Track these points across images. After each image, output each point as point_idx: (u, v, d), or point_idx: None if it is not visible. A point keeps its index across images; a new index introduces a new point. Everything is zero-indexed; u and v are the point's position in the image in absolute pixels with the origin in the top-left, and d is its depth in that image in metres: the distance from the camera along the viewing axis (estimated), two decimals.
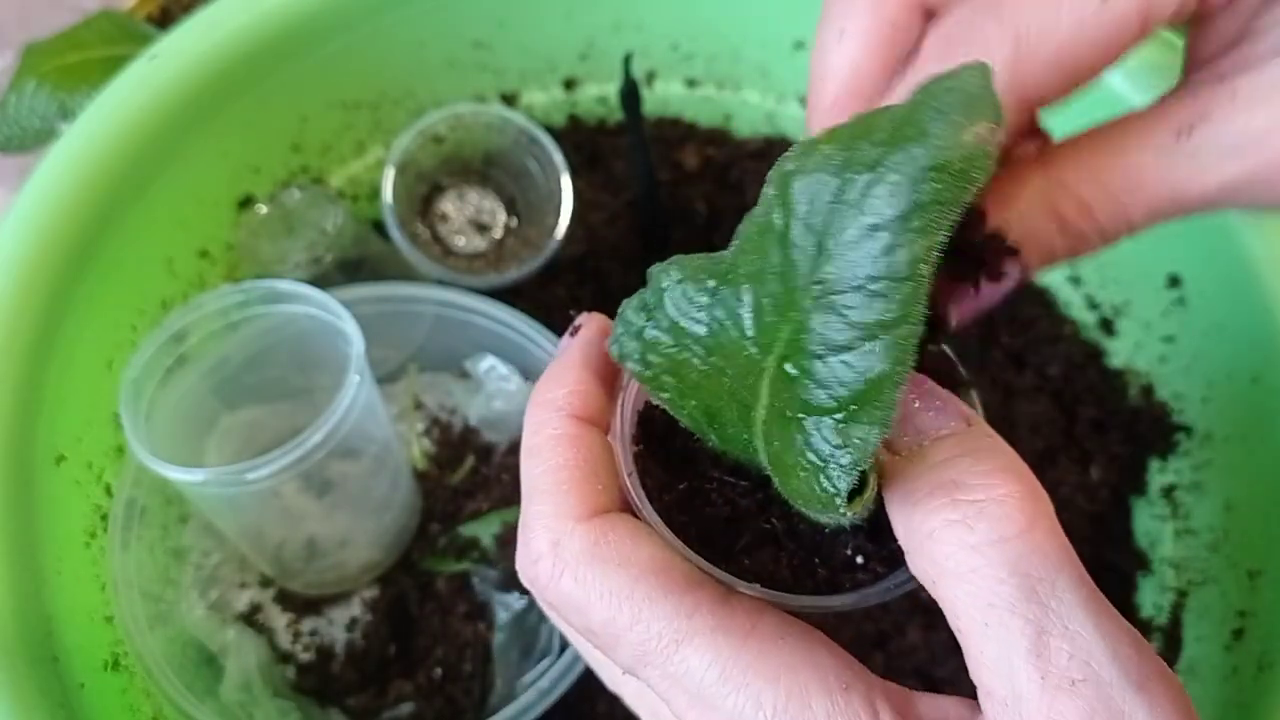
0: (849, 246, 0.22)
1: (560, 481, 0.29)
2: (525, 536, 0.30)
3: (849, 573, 0.29)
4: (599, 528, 0.28)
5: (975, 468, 0.25)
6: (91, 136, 0.52)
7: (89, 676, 0.47)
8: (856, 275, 0.22)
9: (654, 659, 0.27)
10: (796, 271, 0.24)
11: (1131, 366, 0.62)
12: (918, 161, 0.21)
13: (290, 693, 0.54)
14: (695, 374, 0.28)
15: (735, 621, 0.27)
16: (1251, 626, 0.52)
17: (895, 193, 0.22)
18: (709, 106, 0.71)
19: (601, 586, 0.28)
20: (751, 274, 0.25)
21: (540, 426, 0.31)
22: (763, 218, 0.25)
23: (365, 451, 0.53)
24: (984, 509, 0.25)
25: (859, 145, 0.23)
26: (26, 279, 0.48)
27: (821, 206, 0.23)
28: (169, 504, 0.55)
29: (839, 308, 0.23)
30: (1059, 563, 0.24)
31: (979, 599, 0.24)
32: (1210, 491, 0.57)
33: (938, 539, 0.25)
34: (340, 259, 0.59)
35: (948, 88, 0.23)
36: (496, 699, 0.54)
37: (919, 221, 0.21)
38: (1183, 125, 0.29)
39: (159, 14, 0.73)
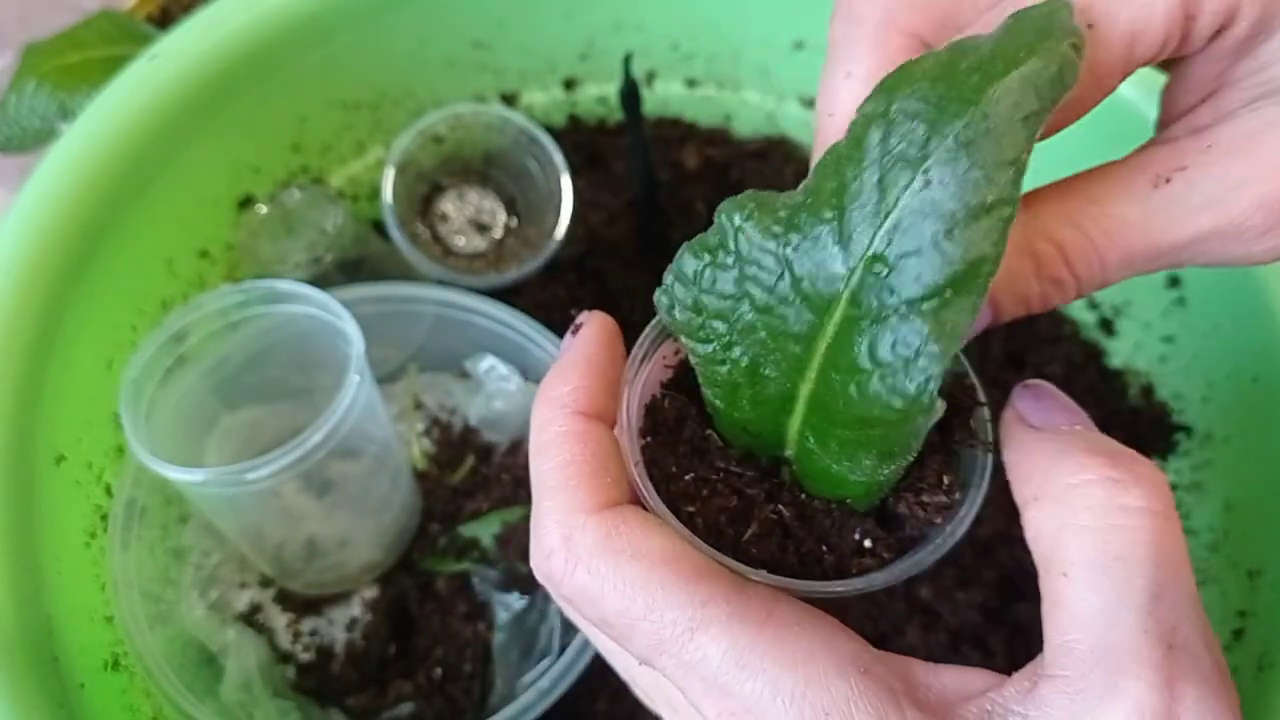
0: (956, 137, 0.24)
1: (569, 477, 0.30)
2: (537, 532, 0.30)
3: (857, 558, 0.29)
4: (610, 520, 0.29)
5: (1128, 452, 0.27)
6: (91, 136, 0.52)
7: (89, 676, 0.47)
8: (961, 162, 0.24)
9: (669, 647, 0.27)
10: (894, 171, 0.25)
11: (1131, 366, 0.62)
12: (1025, 64, 0.24)
13: (290, 693, 0.54)
14: (753, 312, 0.28)
15: (750, 609, 0.27)
16: (1251, 626, 0.52)
17: (1008, 87, 0.24)
18: (709, 106, 0.71)
19: (615, 578, 0.28)
20: (831, 191, 0.26)
21: (546, 424, 0.31)
22: (847, 141, 0.26)
23: (365, 451, 0.53)
24: (1141, 479, 0.26)
25: (962, 58, 0.25)
26: (26, 279, 0.48)
27: (928, 107, 0.24)
28: (169, 504, 0.55)
29: (939, 194, 0.24)
30: (1184, 554, 0.26)
31: (1110, 550, 0.25)
32: (1210, 491, 0.57)
33: (1086, 490, 0.26)
34: (340, 259, 0.59)
35: (1036, 14, 0.25)
36: (496, 699, 0.54)
37: (1024, 112, 0.24)
38: (1160, 174, 0.29)
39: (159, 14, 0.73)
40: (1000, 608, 0.56)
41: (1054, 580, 0.26)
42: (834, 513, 0.30)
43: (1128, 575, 0.25)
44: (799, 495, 0.30)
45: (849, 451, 0.28)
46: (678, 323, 0.29)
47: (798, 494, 0.30)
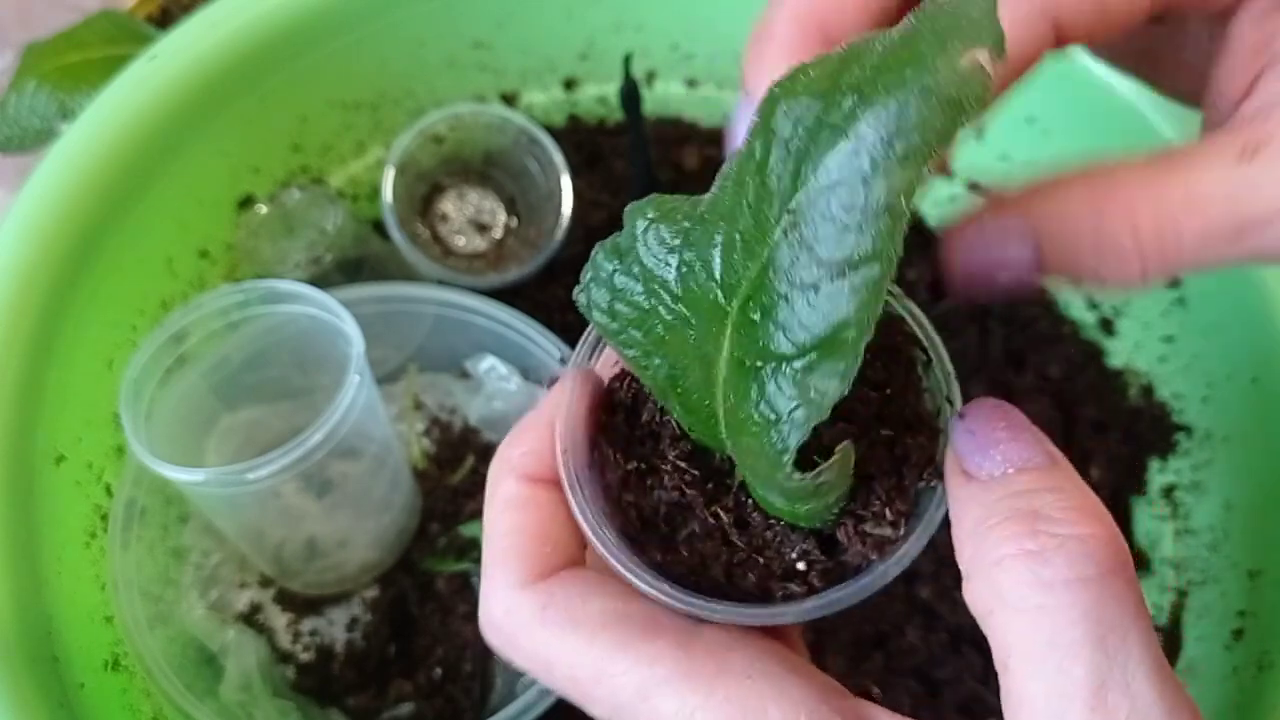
0: (826, 172, 0.21)
1: (508, 548, 0.29)
2: (484, 601, 0.30)
3: (785, 581, 0.28)
4: (545, 592, 0.28)
5: (1059, 503, 0.24)
6: (91, 136, 0.52)
7: (89, 676, 0.47)
8: (830, 205, 0.21)
9: (626, 711, 0.27)
10: (771, 203, 0.22)
11: (1131, 366, 0.62)
12: (909, 86, 0.20)
13: (290, 693, 0.54)
14: (662, 326, 0.26)
15: (699, 665, 0.27)
16: (1251, 626, 0.52)
17: (882, 116, 0.20)
18: (709, 106, 0.71)
19: (557, 648, 0.28)
20: (726, 210, 0.23)
21: (494, 488, 0.30)
22: (744, 149, 0.23)
23: (365, 451, 0.53)
24: (1064, 544, 0.24)
25: (849, 68, 0.21)
26: (26, 279, 0.48)
27: (802, 130, 0.21)
28: (169, 504, 0.55)
29: (808, 240, 0.21)
30: (1134, 616, 0.23)
31: (1040, 636, 0.23)
32: (1210, 491, 0.57)
33: (1007, 568, 0.24)
34: (340, 259, 0.59)
35: (948, 12, 0.21)
36: (496, 699, 0.54)
37: (903, 148, 0.20)
38: (1246, 147, 0.27)
39: (159, 14, 0.73)
40: None
41: (1000, 668, 0.25)
42: (775, 526, 0.28)
43: (1063, 663, 0.23)
44: (745, 500, 0.28)
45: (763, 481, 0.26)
46: (599, 325, 0.28)
47: (744, 499, 0.28)
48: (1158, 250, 0.26)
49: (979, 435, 0.26)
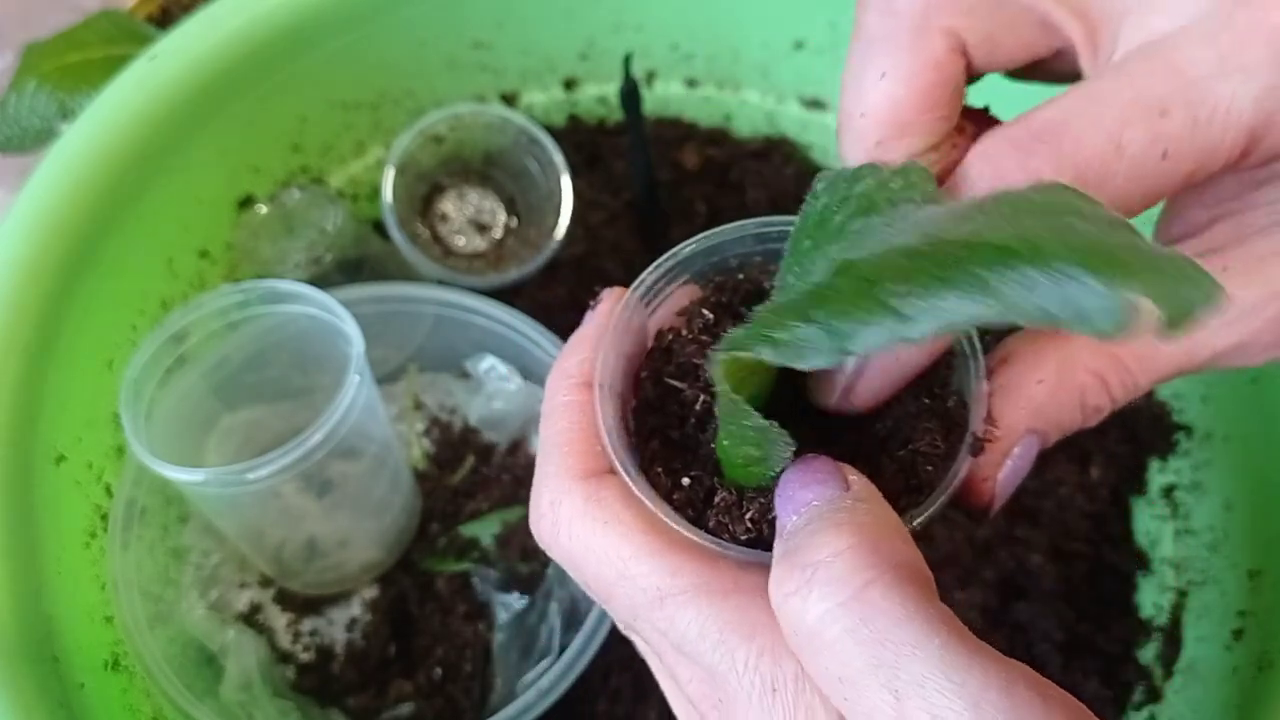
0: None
1: (563, 444, 0.31)
2: (534, 495, 0.31)
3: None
4: (593, 487, 0.30)
5: (812, 532, 0.25)
6: (91, 136, 0.52)
7: (89, 676, 0.47)
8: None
9: (642, 613, 0.29)
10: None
11: None
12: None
13: (290, 693, 0.54)
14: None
15: (718, 580, 0.28)
16: (1251, 626, 0.52)
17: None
18: (709, 106, 0.71)
19: (592, 543, 0.29)
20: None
21: (554, 393, 0.32)
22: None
23: (365, 451, 0.53)
24: (815, 574, 0.24)
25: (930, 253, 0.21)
26: (26, 279, 0.48)
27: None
28: (169, 504, 0.55)
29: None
30: (903, 617, 0.23)
31: (831, 673, 0.24)
32: (1210, 491, 0.57)
33: (783, 613, 0.25)
34: (340, 259, 0.59)
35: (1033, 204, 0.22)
36: (496, 699, 0.54)
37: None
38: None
39: (159, 14, 0.73)
40: (1000, 608, 0.56)
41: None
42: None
43: (859, 695, 0.23)
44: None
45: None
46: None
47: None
48: (1123, 399, 0.30)
49: (789, 490, 0.28)
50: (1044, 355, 0.30)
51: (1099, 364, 0.29)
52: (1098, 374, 0.29)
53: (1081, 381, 0.29)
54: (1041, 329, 0.29)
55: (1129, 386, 0.30)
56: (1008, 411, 0.29)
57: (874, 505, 0.27)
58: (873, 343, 0.21)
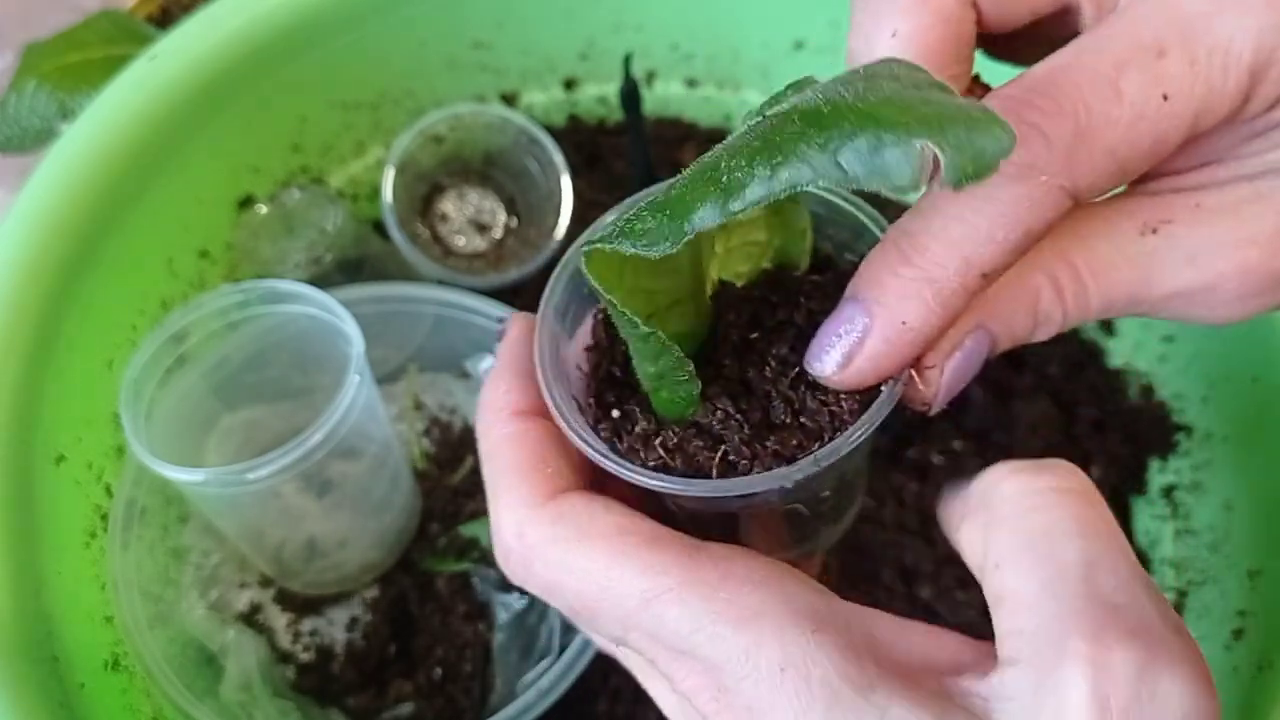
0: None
1: (512, 477, 0.31)
2: (495, 535, 0.31)
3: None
4: (555, 509, 0.30)
5: (1041, 461, 0.29)
6: (91, 136, 0.52)
7: (89, 676, 0.47)
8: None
9: (631, 621, 0.28)
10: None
11: (1131, 366, 0.62)
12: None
13: (290, 693, 0.54)
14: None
15: (704, 573, 0.28)
16: (1251, 626, 0.52)
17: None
18: (709, 106, 0.71)
19: (568, 563, 0.29)
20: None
21: (488, 430, 0.32)
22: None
23: (365, 451, 0.53)
24: (1052, 466, 0.28)
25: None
26: (26, 279, 0.48)
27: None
28: (169, 504, 0.55)
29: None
30: (1113, 528, 0.27)
31: (1032, 532, 0.27)
32: (1210, 491, 0.57)
33: (999, 488, 0.28)
34: (340, 259, 0.59)
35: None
36: (496, 699, 0.54)
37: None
38: (1147, 224, 0.29)
39: (159, 14, 0.73)
40: None
41: (989, 576, 0.27)
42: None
43: (1054, 550, 0.26)
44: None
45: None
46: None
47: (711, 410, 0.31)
48: (1075, 312, 0.29)
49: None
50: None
51: (1057, 267, 0.29)
52: (1052, 277, 0.29)
53: (1036, 283, 0.29)
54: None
55: (1081, 300, 0.29)
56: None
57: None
58: (706, 219, 0.24)
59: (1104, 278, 0.29)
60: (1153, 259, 0.29)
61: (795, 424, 0.29)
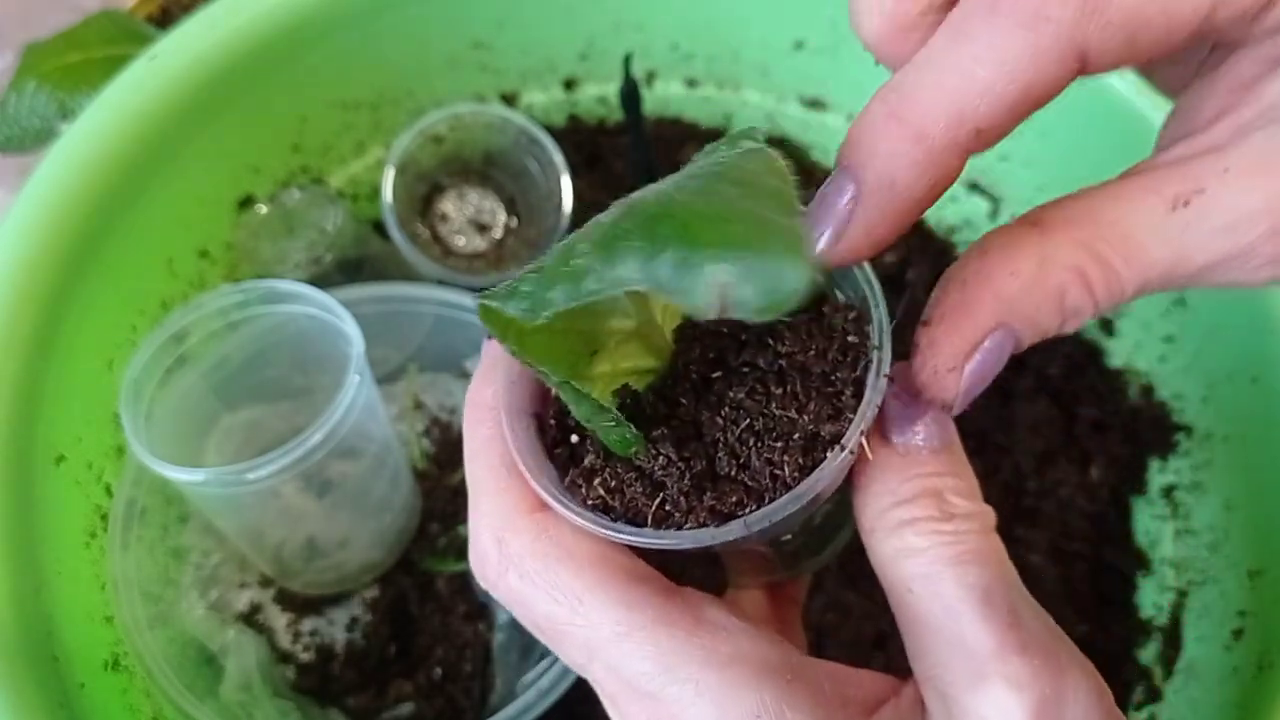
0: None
1: (500, 479, 0.29)
2: (473, 537, 0.30)
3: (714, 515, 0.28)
4: (540, 523, 0.29)
5: (958, 486, 0.28)
6: (91, 136, 0.52)
7: (89, 676, 0.47)
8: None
9: (597, 651, 0.27)
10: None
11: (1131, 366, 0.62)
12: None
13: (290, 693, 0.54)
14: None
15: (679, 615, 0.27)
16: (1251, 626, 0.52)
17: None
18: (709, 106, 0.71)
19: (544, 580, 0.28)
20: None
21: (476, 427, 0.31)
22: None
23: (365, 451, 0.53)
24: (959, 508, 0.28)
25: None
26: (26, 279, 0.48)
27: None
28: (169, 504, 0.55)
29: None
30: (1004, 557, 0.28)
31: (940, 561, 0.27)
32: (1210, 491, 0.57)
33: (915, 525, 0.28)
34: (340, 259, 0.59)
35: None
36: (496, 699, 0.54)
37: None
38: (1177, 197, 0.27)
39: (159, 14, 0.73)
40: None
41: (900, 598, 0.28)
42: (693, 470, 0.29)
43: (958, 579, 0.27)
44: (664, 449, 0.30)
45: None
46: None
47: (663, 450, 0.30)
48: (1106, 302, 0.28)
49: (907, 408, 0.28)
50: (1021, 248, 0.27)
51: (1082, 260, 0.27)
52: (1080, 271, 0.27)
53: (1061, 279, 0.27)
54: (1017, 222, 0.28)
55: (1114, 288, 0.27)
56: (975, 302, 0.27)
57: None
58: (558, 302, 0.24)
59: (1137, 261, 0.27)
60: (1186, 233, 0.27)
61: (738, 479, 0.28)
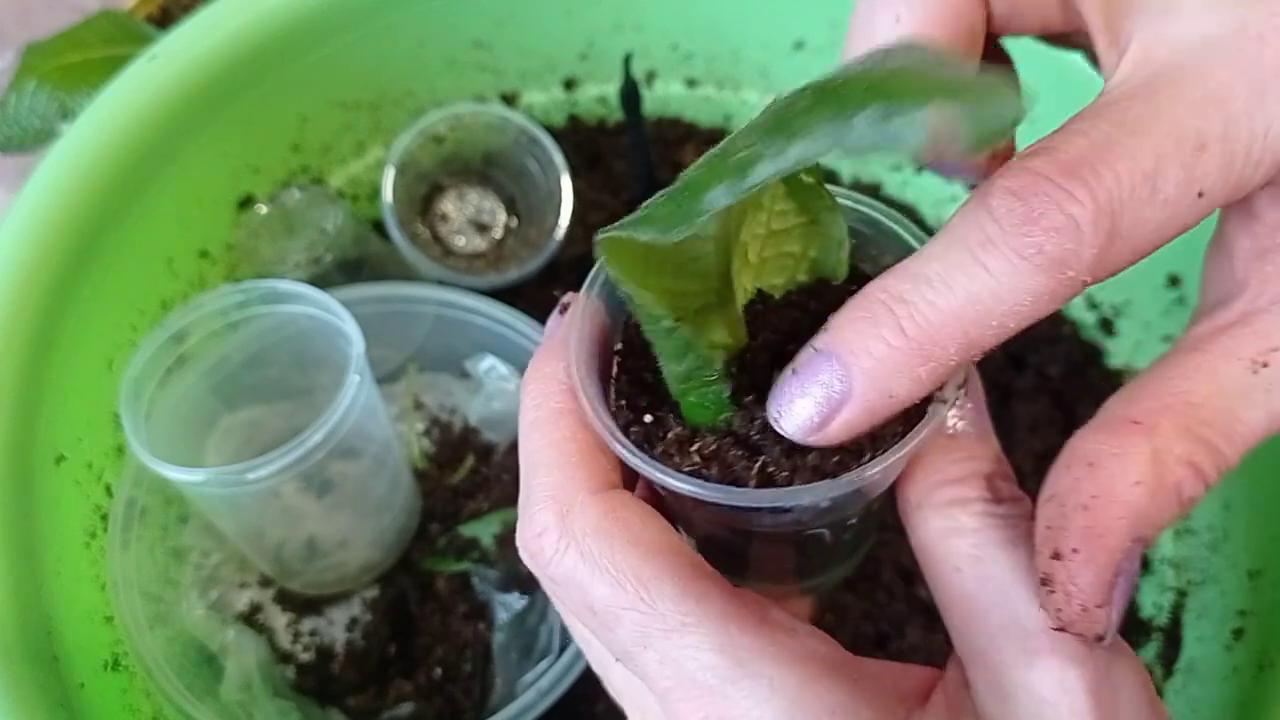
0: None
1: (568, 454, 0.29)
2: (529, 510, 0.29)
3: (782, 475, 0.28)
4: (608, 502, 0.28)
5: (1000, 468, 0.29)
6: (91, 136, 0.52)
7: (89, 676, 0.47)
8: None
9: (655, 641, 0.27)
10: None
11: (1131, 366, 0.62)
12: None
13: (290, 693, 0.54)
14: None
15: (747, 610, 0.27)
16: (1251, 626, 0.52)
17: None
18: (709, 106, 0.71)
19: (608, 562, 0.27)
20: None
21: (542, 400, 0.30)
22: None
23: (365, 451, 0.53)
24: (1009, 492, 0.28)
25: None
26: (26, 279, 0.48)
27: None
28: (169, 504, 0.55)
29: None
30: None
31: (990, 542, 0.27)
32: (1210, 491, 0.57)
33: (963, 521, 0.28)
34: (340, 259, 0.59)
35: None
36: (496, 699, 0.54)
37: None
38: (1255, 359, 0.27)
39: (159, 14, 0.73)
40: None
41: (945, 577, 0.28)
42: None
43: (1011, 561, 0.27)
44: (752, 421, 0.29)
45: None
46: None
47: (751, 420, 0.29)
48: (1217, 477, 0.27)
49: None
50: (1132, 454, 0.26)
51: (1191, 450, 0.26)
52: (1191, 463, 0.26)
53: (1177, 475, 0.26)
54: (1111, 424, 0.27)
55: (1221, 468, 0.27)
56: (1107, 524, 0.26)
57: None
58: (718, 201, 0.23)
59: (1237, 435, 0.27)
60: (1273, 393, 0.27)
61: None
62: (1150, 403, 0.27)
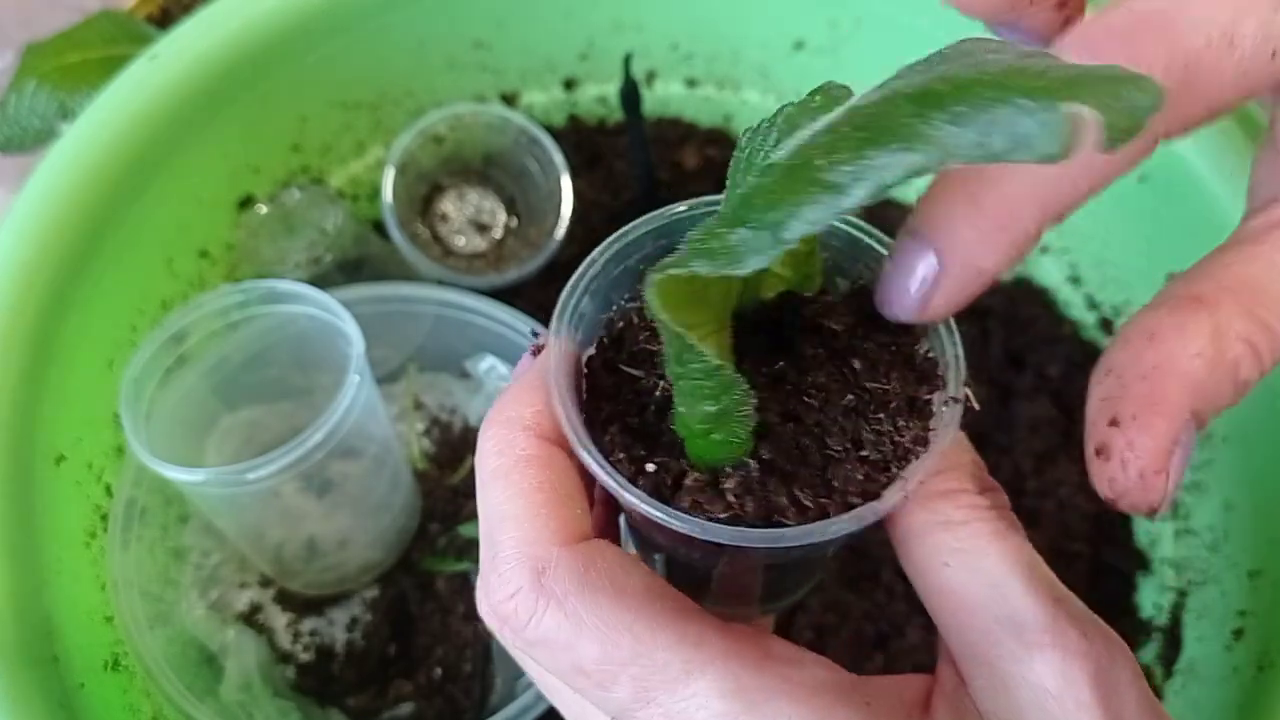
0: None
1: (536, 505, 0.27)
2: (497, 570, 0.26)
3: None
4: (587, 555, 0.26)
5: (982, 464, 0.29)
6: (91, 136, 0.52)
7: (89, 676, 0.47)
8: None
9: (659, 694, 0.25)
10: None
11: None
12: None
13: (290, 693, 0.54)
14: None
15: (746, 646, 0.26)
16: (1251, 626, 0.52)
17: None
18: (709, 106, 0.71)
19: (596, 619, 0.25)
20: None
21: (506, 447, 0.28)
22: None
23: (365, 451, 0.53)
24: (991, 483, 0.28)
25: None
26: (26, 279, 0.48)
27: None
28: (169, 504, 0.55)
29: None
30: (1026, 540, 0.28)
31: (981, 535, 0.27)
32: (1210, 491, 0.57)
33: (950, 514, 0.27)
34: (340, 259, 0.59)
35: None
36: (496, 699, 0.54)
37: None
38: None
39: (159, 14, 0.73)
40: None
41: (934, 573, 0.27)
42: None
43: (1002, 553, 0.26)
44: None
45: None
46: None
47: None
48: (1271, 361, 0.27)
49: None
50: (1197, 326, 0.26)
51: (1249, 330, 0.26)
52: (1250, 342, 0.26)
53: (1236, 352, 0.26)
54: (1173, 300, 0.27)
55: (1277, 352, 0.27)
56: (1165, 393, 0.26)
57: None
58: (811, 222, 0.20)
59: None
60: None
61: (853, 455, 0.27)
62: (1210, 284, 0.27)
